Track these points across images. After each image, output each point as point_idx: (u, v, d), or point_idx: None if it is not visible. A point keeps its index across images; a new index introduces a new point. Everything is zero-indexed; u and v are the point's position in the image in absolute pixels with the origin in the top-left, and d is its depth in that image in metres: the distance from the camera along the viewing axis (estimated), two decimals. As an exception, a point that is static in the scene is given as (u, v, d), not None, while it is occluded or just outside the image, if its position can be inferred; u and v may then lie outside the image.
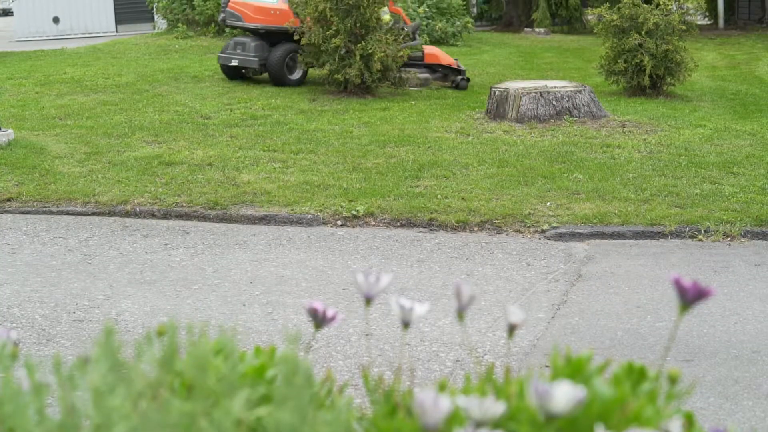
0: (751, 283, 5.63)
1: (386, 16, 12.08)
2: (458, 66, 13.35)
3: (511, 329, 1.30)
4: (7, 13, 46.91)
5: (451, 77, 13.21)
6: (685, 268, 5.90)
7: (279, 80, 12.67)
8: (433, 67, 13.17)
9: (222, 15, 13.26)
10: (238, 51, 12.81)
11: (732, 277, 5.73)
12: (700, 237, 6.44)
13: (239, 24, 12.95)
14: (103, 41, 20.61)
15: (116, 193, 7.50)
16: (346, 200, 7.17)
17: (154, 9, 21.83)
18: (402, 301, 1.27)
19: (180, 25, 20.07)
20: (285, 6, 12.65)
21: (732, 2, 30.78)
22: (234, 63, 12.85)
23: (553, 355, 1.16)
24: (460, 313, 1.28)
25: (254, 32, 12.89)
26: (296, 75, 12.90)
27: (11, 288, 5.58)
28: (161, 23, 22.12)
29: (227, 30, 19.17)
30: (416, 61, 13.02)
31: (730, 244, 6.35)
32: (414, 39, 12.84)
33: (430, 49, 13.34)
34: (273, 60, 12.58)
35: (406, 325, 1.29)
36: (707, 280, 5.63)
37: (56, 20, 27.01)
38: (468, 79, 13.19)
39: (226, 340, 1.16)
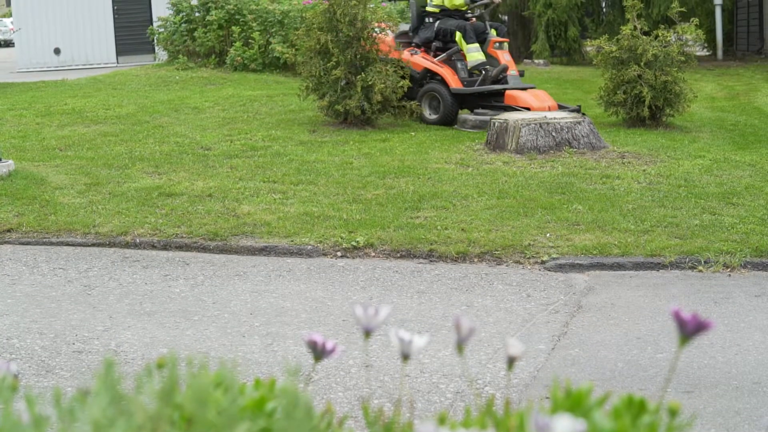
0: (751, 314, 5.62)
1: (474, 54, 12.07)
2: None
3: (511, 362, 1.30)
4: (8, 44, 47.09)
5: None
6: (686, 299, 5.89)
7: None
8: (514, 109, 12.02)
9: None
10: None
11: (732, 308, 5.72)
12: (701, 268, 6.44)
13: None
14: (104, 72, 20.67)
15: (116, 224, 7.51)
16: (346, 231, 7.18)
17: (155, 40, 21.91)
18: (401, 334, 1.27)
19: (181, 56, 20.14)
20: (388, 38, 12.30)
21: (730, 33, 30.88)
22: None
23: (553, 387, 1.16)
24: (460, 346, 1.28)
25: None
26: (433, 115, 12.44)
27: (11, 319, 5.58)
28: (162, 54, 22.19)
29: (228, 60, 19.25)
30: (497, 103, 12.24)
31: (730, 275, 6.35)
32: (505, 80, 12.27)
33: (511, 92, 12.33)
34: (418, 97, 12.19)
35: (405, 357, 1.29)
36: (708, 311, 5.63)
37: (57, 51, 27.12)
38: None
39: (226, 373, 1.16)
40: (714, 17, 25.75)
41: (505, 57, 12.57)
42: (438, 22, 12.68)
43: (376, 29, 11.92)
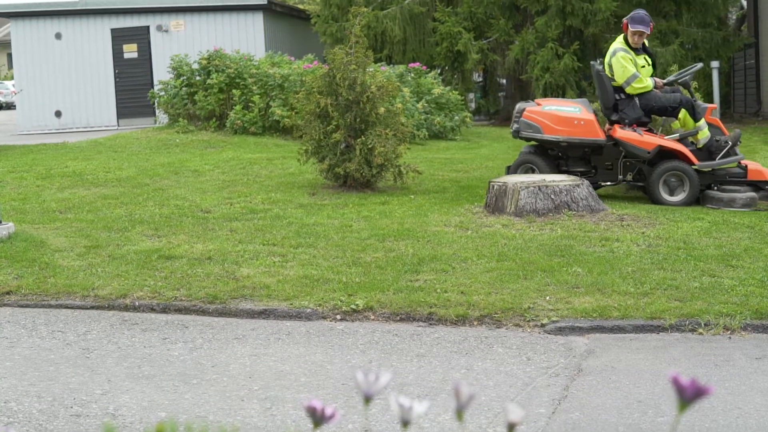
0: (752, 376, 5.60)
1: (705, 130, 11.33)
2: None
3: (511, 428, 1.30)
4: (9, 106, 47.37)
5: None
6: (686, 362, 5.87)
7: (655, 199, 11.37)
8: (758, 185, 11.37)
9: (515, 125, 11.69)
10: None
11: (733, 371, 5.70)
12: (701, 330, 6.43)
13: (537, 136, 11.56)
14: (105, 135, 20.79)
15: (115, 287, 7.50)
16: (345, 294, 7.17)
17: (156, 103, 22.07)
18: (401, 400, 1.28)
19: (181, 119, 20.27)
20: (590, 116, 11.52)
21: (728, 96, 31.09)
22: None
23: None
24: (460, 413, 1.28)
25: (554, 145, 11.69)
26: (677, 197, 11.34)
27: (8, 382, 5.55)
28: (163, 117, 22.35)
29: (228, 124, 19.36)
30: (737, 178, 11.41)
31: (730, 338, 6.33)
32: (734, 152, 11.43)
33: (753, 165, 11.68)
34: (651, 178, 11.38)
35: (405, 423, 1.29)
36: (708, 374, 5.60)
37: (58, 114, 27.30)
38: None
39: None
40: (711, 80, 25.94)
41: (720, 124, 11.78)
42: (639, 98, 11.55)
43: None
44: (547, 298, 7.02)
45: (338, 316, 6.86)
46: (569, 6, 24.01)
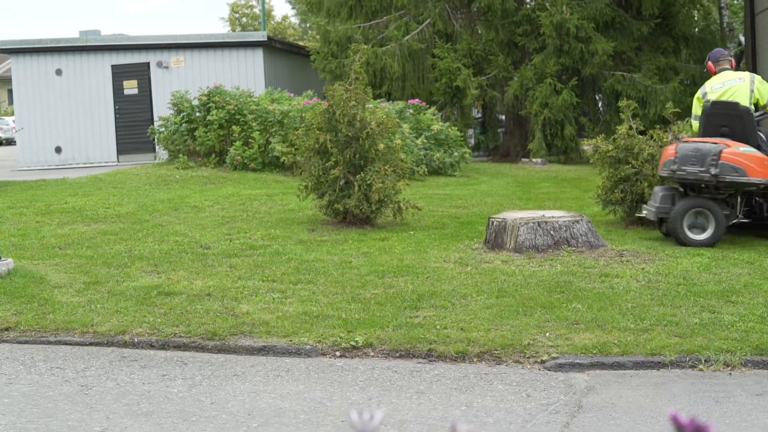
0: (753, 413, 5.58)
1: None
2: None
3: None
4: (9, 142, 47.50)
5: None
6: (686, 398, 5.85)
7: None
8: None
9: (714, 170, 10.73)
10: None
11: (734, 408, 5.68)
12: (701, 367, 6.41)
13: (740, 179, 10.73)
14: (105, 171, 20.84)
15: (114, 323, 7.49)
16: (344, 331, 7.16)
17: (156, 140, 22.13)
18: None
19: (181, 155, 20.32)
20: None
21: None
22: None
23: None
24: (460, 451, 1.28)
25: (755, 187, 10.98)
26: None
27: (7, 419, 5.53)
28: (163, 153, 22.40)
29: (228, 160, 19.39)
30: None
31: (731, 374, 6.32)
32: None
33: None
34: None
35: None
36: (709, 411, 5.59)
37: (59, 150, 27.37)
38: None
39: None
40: (710, 116, 25.97)
41: None
42: None
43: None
44: (547, 334, 7.01)
45: (338, 353, 6.85)
46: (566, 45, 24.14)
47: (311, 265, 9.57)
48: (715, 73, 11.65)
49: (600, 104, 27.49)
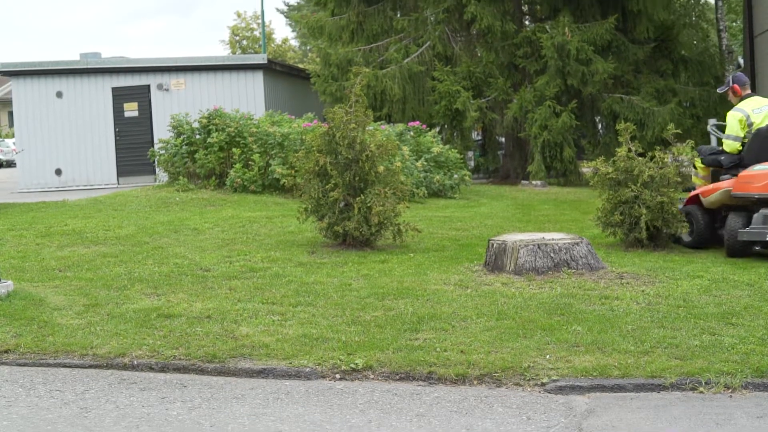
0: (754, 437, 5.57)
1: None
2: None
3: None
4: (10, 164, 47.58)
5: None
6: (687, 421, 5.84)
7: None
8: None
9: None
10: None
11: (734, 430, 5.67)
12: (701, 389, 6.40)
13: None
14: (105, 193, 20.86)
15: (114, 346, 7.48)
16: (344, 353, 7.15)
17: (156, 162, 22.16)
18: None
19: (181, 177, 20.35)
20: None
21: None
22: None
23: None
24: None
25: None
26: None
27: (6, 443, 5.52)
28: (163, 176, 22.43)
29: (228, 182, 19.40)
30: None
31: (731, 396, 6.30)
32: None
33: None
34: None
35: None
36: (710, 434, 5.57)
37: (59, 172, 27.41)
38: None
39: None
40: (709, 138, 26.04)
41: None
42: None
43: None
44: (547, 356, 7.00)
45: (337, 375, 6.84)
46: (568, 66, 24.23)
47: (311, 287, 9.57)
48: (741, 97, 11.96)
49: (599, 126, 27.57)
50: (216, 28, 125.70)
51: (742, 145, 12.36)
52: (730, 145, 12.35)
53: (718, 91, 13.15)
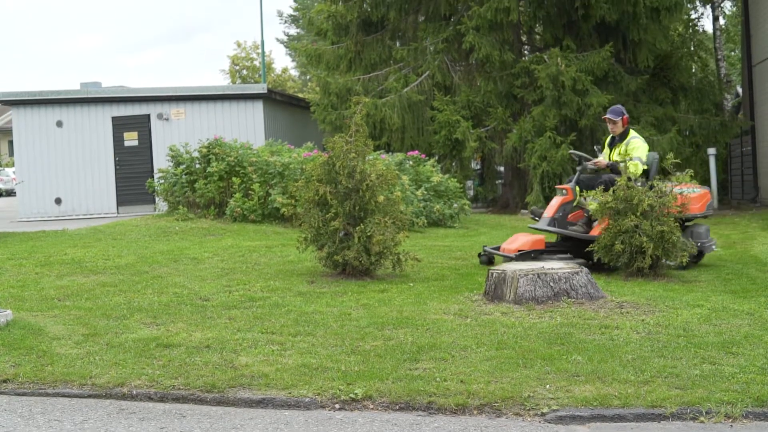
0: (755, 467, 5.55)
1: None
2: None
3: None
4: (9, 193, 47.63)
5: None
6: (688, 451, 5.82)
7: None
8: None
9: None
10: None
11: (736, 461, 5.65)
12: (702, 419, 6.38)
13: None
14: (105, 222, 20.86)
15: (113, 375, 7.46)
16: (344, 383, 7.13)
17: (156, 191, 22.20)
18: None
19: (181, 207, 20.37)
20: None
21: (725, 182, 31.29)
22: None
23: None
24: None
25: None
26: None
27: (4, 474, 5.50)
28: (162, 205, 22.46)
29: (227, 211, 19.43)
30: None
31: (732, 426, 6.29)
32: None
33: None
34: None
35: None
36: (711, 465, 5.55)
37: (58, 201, 27.44)
38: None
39: None
40: (708, 167, 26.13)
41: None
42: None
43: None
44: (548, 386, 6.98)
45: (337, 405, 6.82)
46: (564, 97, 24.31)
47: (310, 317, 9.56)
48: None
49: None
50: (216, 58, 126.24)
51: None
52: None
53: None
